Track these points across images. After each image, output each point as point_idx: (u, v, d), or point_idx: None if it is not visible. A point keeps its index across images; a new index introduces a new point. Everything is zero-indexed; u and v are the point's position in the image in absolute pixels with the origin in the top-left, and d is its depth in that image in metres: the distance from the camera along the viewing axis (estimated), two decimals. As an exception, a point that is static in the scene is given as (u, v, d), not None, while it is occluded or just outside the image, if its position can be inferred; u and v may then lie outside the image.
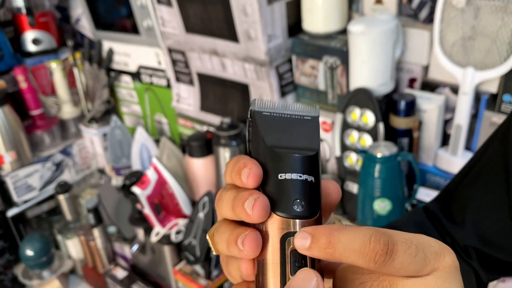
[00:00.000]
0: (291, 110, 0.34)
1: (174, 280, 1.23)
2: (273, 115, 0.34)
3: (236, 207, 0.31)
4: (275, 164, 0.32)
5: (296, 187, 0.31)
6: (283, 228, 0.31)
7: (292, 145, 0.32)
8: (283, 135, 0.33)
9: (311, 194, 0.32)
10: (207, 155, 1.23)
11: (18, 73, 1.42)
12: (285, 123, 0.33)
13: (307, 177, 0.32)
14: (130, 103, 1.55)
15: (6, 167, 1.39)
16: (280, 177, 0.31)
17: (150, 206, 1.16)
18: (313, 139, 0.33)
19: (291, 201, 0.31)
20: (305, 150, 0.32)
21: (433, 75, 1.01)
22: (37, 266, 1.42)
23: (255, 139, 0.33)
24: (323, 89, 1.07)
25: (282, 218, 0.31)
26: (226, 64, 1.15)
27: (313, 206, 0.32)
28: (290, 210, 0.31)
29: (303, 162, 0.32)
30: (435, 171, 1.02)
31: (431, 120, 0.98)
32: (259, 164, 0.31)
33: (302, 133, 0.33)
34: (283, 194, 0.31)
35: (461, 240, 0.52)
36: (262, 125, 0.33)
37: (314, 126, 0.34)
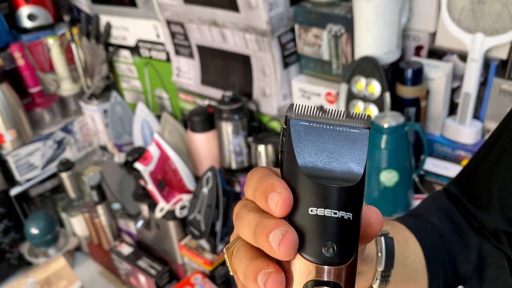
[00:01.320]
0: (336, 119, 0.29)
1: (180, 255, 1.23)
2: (313, 126, 0.28)
3: (259, 236, 0.27)
4: (306, 193, 0.27)
5: (328, 227, 0.26)
6: (309, 273, 0.26)
7: (330, 169, 0.27)
8: (321, 155, 0.27)
9: (346, 235, 0.27)
10: (210, 129, 1.21)
11: (15, 50, 1.39)
12: (326, 137, 0.28)
13: (343, 214, 0.26)
14: (129, 79, 1.53)
15: (7, 146, 1.38)
16: (311, 211, 0.26)
17: (153, 182, 1.14)
18: (358, 160, 0.28)
19: (320, 243, 0.26)
20: (346, 178, 0.27)
21: (440, 42, 0.98)
22: (42, 244, 1.42)
23: (288, 156, 0.28)
24: (327, 59, 1.04)
25: (309, 262, 0.26)
26: (226, 35, 1.12)
27: (346, 250, 0.27)
28: (318, 254, 0.26)
29: (341, 195, 0.26)
30: (442, 141, 1.00)
31: (438, 89, 0.96)
32: (289, 188, 0.27)
33: (345, 152, 0.28)
34: (312, 233, 0.26)
35: (489, 224, 0.49)
36: (297, 139, 0.28)
37: (361, 142, 0.28)
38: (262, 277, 0.26)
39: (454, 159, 0.99)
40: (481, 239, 0.49)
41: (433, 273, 0.47)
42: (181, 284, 1.15)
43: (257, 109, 1.18)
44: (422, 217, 0.51)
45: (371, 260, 0.39)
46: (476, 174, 0.51)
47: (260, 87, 1.14)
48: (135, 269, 1.26)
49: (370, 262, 0.39)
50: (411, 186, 0.97)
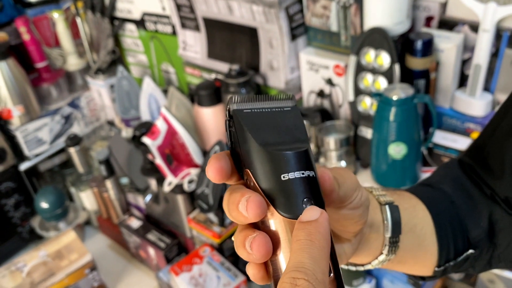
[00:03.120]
0: (268, 103, 0.33)
1: (188, 228, 1.24)
2: (254, 112, 0.32)
3: (232, 211, 0.30)
4: (274, 164, 0.30)
5: (302, 186, 0.30)
6: None
7: (283, 141, 0.31)
8: (271, 132, 0.31)
9: (315, 189, 0.31)
10: (217, 103, 1.21)
11: (20, 25, 1.38)
12: (268, 118, 0.32)
13: (308, 172, 0.30)
14: (136, 53, 1.52)
15: (15, 121, 1.39)
16: (283, 177, 0.30)
17: (161, 156, 1.15)
18: (301, 130, 0.32)
19: (300, 201, 0.30)
20: (298, 144, 0.31)
21: (451, 12, 0.96)
22: (52, 218, 1.44)
23: (243, 141, 0.31)
24: (336, 31, 1.02)
25: (292, 220, 0.29)
26: (233, 7, 1.10)
27: (320, 201, 0.30)
28: (300, 210, 0.29)
29: (301, 157, 0.30)
30: (452, 113, 0.99)
31: (448, 60, 0.94)
32: (222, 159, 0.31)
33: (288, 126, 0.32)
34: (290, 195, 0.30)
35: (501, 191, 0.49)
36: (247, 124, 0.31)
37: (296, 116, 0.33)
38: (248, 242, 0.29)
39: (463, 131, 0.98)
40: (492, 205, 0.49)
41: (442, 239, 0.47)
42: (190, 256, 1.17)
43: (264, 83, 1.17)
44: (434, 186, 0.52)
45: (378, 228, 0.41)
46: (489, 143, 0.51)
47: (268, 60, 1.13)
48: (144, 242, 1.28)
49: (377, 230, 0.41)
50: (419, 159, 0.96)
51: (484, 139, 0.52)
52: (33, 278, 1.18)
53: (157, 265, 1.29)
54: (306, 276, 0.26)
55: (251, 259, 0.30)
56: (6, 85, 1.33)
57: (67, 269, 1.19)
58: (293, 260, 0.27)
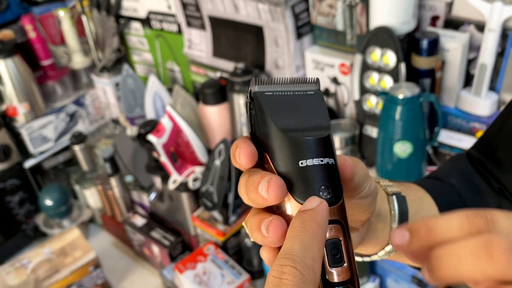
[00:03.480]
0: (291, 86, 0.32)
1: (193, 226, 1.24)
2: (276, 95, 0.31)
3: (250, 193, 0.30)
4: (293, 150, 0.30)
5: (320, 173, 0.30)
6: None
7: (304, 127, 0.30)
8: (292, 117, 0.31)
9: (334, 177, 0.30)
10: (222, 102, 1.21)
11: (26, 23, 1.38)
12: (290, 102, 0.31)
13: (328, 160, 0.30)
14: (141, 51, 1.52)
15: (20, 119, 1.39)
16: (301, 164, 0.29)
17: (166, 154, 1.15)
18: (323, 116, 0.31)
19: (317, 189, 0.29)
20: (319, 130, 0.30)
21: (457, 12, 0.96)
22: (56, 216, 1.44)
23: (263, 124, 0.31)
24: (342, 29, 1.02)
25: None
26: (239, 5, 1.11)
27: (338, 190, 0.30)
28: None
29: (321, 144, 0.30)
30: (457, 113, 0.99)
31: (454, 60, 0.94)
32: (252, 144, 0.30)
33: (310, 111, 0.31)
34: (307, 182, 0.29)
35: (510, 185, 0.49)
36: (268, 108, 0.30)
37: (319, 101, 0.32)
38: (264, 225, 0.29)
39: (468, 131, 0.98)
40: (500, 199, 0.50)
41: None
42: (194, 254, 1.17)
43: (270, 81, 1.17)
44: (441, 179, 0.52)
45: (385, 218, 0.42)
46: (499, 137, 0.51)
47: (273, 59, 1.13)
48: (148, 240, 1.28)
49: (384, 220, 0.42)
50: (424, 158, 0.97)
51: (493, 133, 0.52)
52: (37, 274, 1.18)
53: (161, 263, 1.29)
54: (293, 263, 0.26)
55: (266, 243, 0.30)
56: (11, 82, 1.34)
57: (71, 266, 1.19)
58: (284, 248, 0.27)
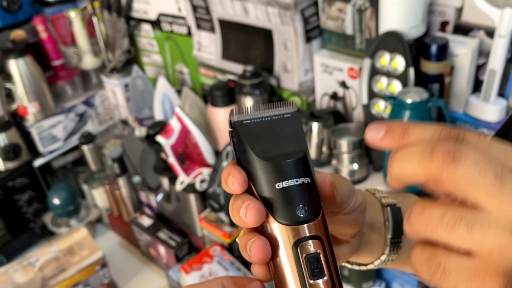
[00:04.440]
0: (268, 111, 0.34)
1: (199, 227, 1.25)
2: (254, 122, 0.33)
3: (235, 216, 0.32)
4: (269, 174, 0.31)
5: (295, 193, 0.31)
6: (292, 236, 0.31)
7: (280, 150, 0.32)
8: (269, 142, 0.32)
9: (310, 195, 0.32)
10: (230, 104, 1.22)
11: (38, 23, 1.40)
12: (267, 127, 0.33)
13: (303, 180, 0.31)
14: (150, 53, 1.53)
15: (30, 118, 1.41)
16: (278, 186, 0.31)
17: (174, 155, 1.16)
18: (299, 137, 0.33)
19: (293, 208, 0.31)
20: (295, 152, 0.32)
21: (467, 17, 0.96)
22: (64, 215, 1.45)
23: (242, 151, 0.32)
24: (351, 34, 1.03)
25: (288, 226, 0.31)
26: (249, 9, 1.11)
27: (314, 207, 0.32)
28: (294, 217, 0.31)
29: (296, 166, 0.32)
30: (465, 118, 0.99)
31: (463, 65, 0.94)
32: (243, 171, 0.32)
33: (287, 134, 0.33)
34: (284, 203, 0.31)
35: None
36: (246, 136, 0.32)
37: (296, 122, 0.34)
38: (249, 245, 0.32)
39: (476, 136, 0.98)
40: None
41: None
42: (201, 255, 1.18)
43: (278, 84, 1.17)
44: None
45: (379, 229, 0.43)
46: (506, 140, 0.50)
47: (282, 62, 1.14)
48: (155, 240, 1.29)
49: (378, 231, 0.43)
50: (432, 163, 0.96)
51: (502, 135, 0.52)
52: (44, 273, 1.19)
53: (167, 264, 1.30)
54: None
55: (252, 261, 0.32)
56: (22, 82, 1.35)
57: (78, 265, 1.20)
58: None
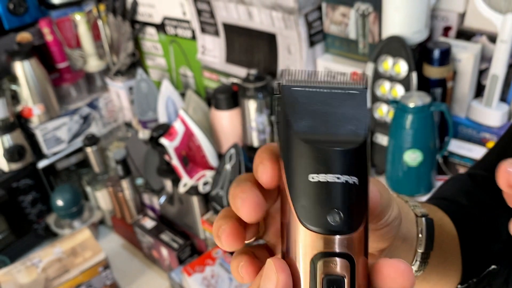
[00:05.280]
0: (332, 82, 0.27)
1: (202, 230, 1.25)
2: (308, 91, 0.26)
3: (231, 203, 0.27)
4: (305, 160, 0.24)
5: (332, 193, 0.24)
6: (315, 246, 0.24)
7: (329, 134, 0.25)
8: (318, 120, 0.25)
9: (353, 201, 0.24)
10: (233, 107, 1.23)
11: (44, 26, 1.41)
12: (322, 101, 0.26)
13: (347, 178, 0.24)
14: (155, 56, 1.54)
15: (34, 120, 1.42)
16: (312, 179, 0.24)
17: (178, 157, 1.16)
18: (360, 123, 0.25)
19: (325, 212, 0.24)
20: (347, 141, 0.25)
21: (469, 23, 0.97)
22: (67, 216, 1.46)
23: (282, 124, 0.26)
24: (354, 38, 1.04)
25: (313, 233, 0.24)
26: (253, 13, 1.12)
27: (355, 217, 0.24)
28: (323, 223, 0.24)
29: (343, 158, 0.24)
30: (467, 123, 1.00)
31: (466, 70, 0.95)
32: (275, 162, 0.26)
33: (344, 114, 0.26)
34: (314, 201, 0.24)
35: None
36: (291, 106, 0.26)
37: (360, 102, 0.26)
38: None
39: (478, 141, 0.99)
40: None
41: (466, 254, 0.45)
42: (203, 257, 1.18)
43: (281, 88, 1.18)
44: (449, 199, 0.50)
45: (412, 241, 0.38)
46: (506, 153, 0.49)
47: (285, 66, 1.14)
48: (157, 242, 1.29)
49: (411, 243, 0.38)
50: (434, 167, 0.97)
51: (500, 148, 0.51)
52: (48, 274, 1.20)
53: (170, 266, 1.30)
54: None
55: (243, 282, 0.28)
56: (28, 84, 1.36)
57: (81, 266, 1.20)
58: None
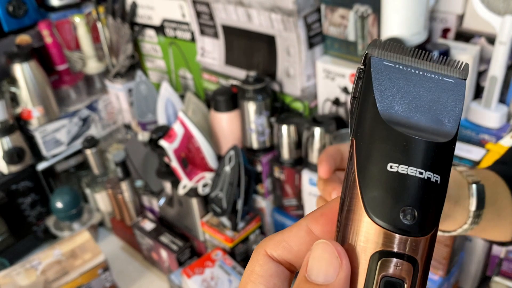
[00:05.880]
0: (425, 63, 0.24)
1: (201, 232, 1.25)
2: (398, 68, 0.24)
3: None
4: (387, 145, 0.22)
5: (411, 188, 0.22)
6: (380, 242, 0.22)
7: (416, 120, 0.22)
8: (407, 102, 0.23)
9: (431, 201, 0.22)
10: (233, 109, 1.23)
11: (43, 28, 1.42)
12: (413, 83, 0.23)
13: (430, 175, 0.22)
14: (154, 58, 1.54)
15: (34, 122, 1.42)
16: (391, 168, 0.22)
17: (177, 159, 1.17)
18: (452, 114, 0.23)
19: (398, 207, 0.22)
20: (436, 133, 0.22)
21: (468, 24, 0.97)
22: (67, 218, 1.46)
23: (365, 100, 0.23)
24: (353, 40, 1.04)
25: (380, 228, 0.22)
26: (252, 15, 1.13)
27: (429, 219, 0.22)
28: (394, 219, 0.22)
29: (429, 151, 0.22)
30: (466, 124, 1.00)
31: (465, 72, 0.95)
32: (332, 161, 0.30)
33: (436, 103, 0.23)
34: (389, 194, 0.22)
35: None
36: (379, 81, 0.23)
37: (456, 94, 0.23)
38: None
39: (478, 142, 0.99)
40: None
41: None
42: (202, 259, 1.18)
43: (281, 90, 1.18)
44: (508, 163, 0.58)
45: (464, 203, 0.47)
46: None
47: (284, 68, 1.15)
48: (157, 244, 1.29)
49: (463, 205, 0.47)
50: (433, 169, 0.97)
51: None
52: (47, 276, 1.20)
53: (169, 268, 1.30)
54: None
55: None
56: (27, 86, 1.36)
57: (80, 268, 1.20)
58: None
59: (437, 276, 1.00)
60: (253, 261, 0.26)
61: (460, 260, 1.06)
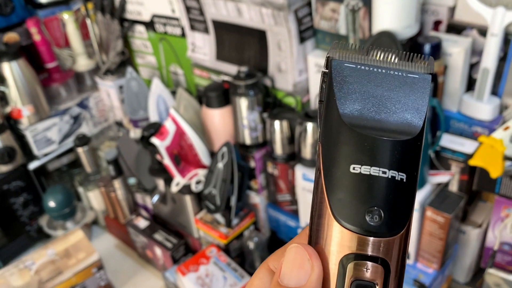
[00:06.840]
0: (390, 62, 0.23)
1: (195, 229, 1.25)
2: (361, 69, 0.23)
3: None
4: (348, 147, 0.22)
5: (375, 189, 0.21)
6: (348, 245, 0.21)
7: (380, 121, 0.22)
8: (370, 102, 0.22)
9: (397, 200, 0.22)
10: (225, 105, 1.22)
11: (31, 25, 1.40)
12: (376, 82, 0.23)
13: (395, 173, 0.21)
14: (145, 54, 1.53)
15: (24, 121, 1.40)
16: (353, 169, 0.21)
17: (169, 156, 1.16)
18: (416, 110, 0.22)
19: (364, 209, 0.21)
20: (400, 130, 0.22)
21: (459, 16, 0.96)
22: (60, 217, 1.45)
23: (328, 103, 0.23)
24: (344, 34, 1.03)
25: (347, 230, 0.22)
26: (242, 10, 1.11)
27: (397, 218, 0.22)
28: (361, 221, 0.21)
29: (392, 150, 0.21)
30: (459, 117, 1.00)
31: (456, 64, 0.95)
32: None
33: (400, 100, 0.22)
34: (354, 196, 0.21)
35: None
36: (340, 84, 0.23)
37: (421, 89, 0.23)
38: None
39: (470, 135, 0.99)
40: None
41: None
42: (197, 257, 1.18)
43: (272, 85, 1.17)
44: None
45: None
46: None
47: (276, 62, 1.14)
48: (151, 242, 1.28)
49: None
50: (426, 162, 0.97)
51: None
52: (41, 276, 1.19)
53: (164, 265, 1.30)
54: None
55: None
56: (16, 85, 1.35)
57: (74, 268, 1.20)
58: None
59: (431, 269, 1.01)
60: (255, 274, 0.26)
61: (454, 253, 1.06)
